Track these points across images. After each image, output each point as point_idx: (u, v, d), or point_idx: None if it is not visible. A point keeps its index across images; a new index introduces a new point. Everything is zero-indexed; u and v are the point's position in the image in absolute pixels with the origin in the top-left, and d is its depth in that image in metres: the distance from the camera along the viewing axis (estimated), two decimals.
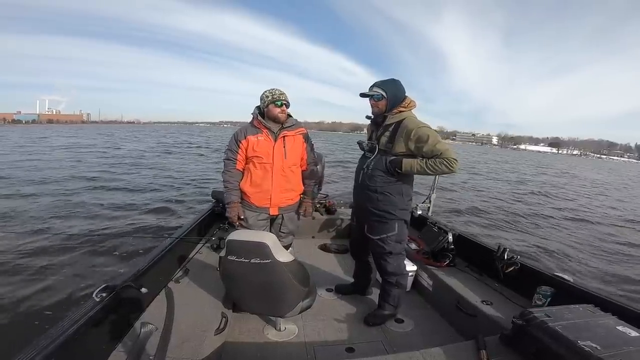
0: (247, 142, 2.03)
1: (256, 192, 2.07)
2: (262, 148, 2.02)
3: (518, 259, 2.02)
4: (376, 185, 1.85)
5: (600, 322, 1.27)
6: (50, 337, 1.15)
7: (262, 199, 2.08)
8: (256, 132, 2.04)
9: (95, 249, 4.32)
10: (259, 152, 2.02)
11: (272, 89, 2.03)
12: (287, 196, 2.13)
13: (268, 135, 2.03)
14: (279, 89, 2.03)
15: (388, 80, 1.85)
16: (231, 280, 1.65)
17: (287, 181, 2.09)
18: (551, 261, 5.28)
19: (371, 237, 1.94)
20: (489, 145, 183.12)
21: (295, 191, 2.17)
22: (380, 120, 1.87)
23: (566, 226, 7.95)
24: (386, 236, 1.89)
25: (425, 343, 1.78)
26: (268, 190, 2.06)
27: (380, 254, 1.96)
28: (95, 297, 1.39)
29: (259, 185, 2.06)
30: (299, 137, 2.14)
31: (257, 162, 2.04)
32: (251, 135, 2.03)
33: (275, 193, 2.07)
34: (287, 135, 2.07)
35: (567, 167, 39.30)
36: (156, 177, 10.81)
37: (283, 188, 2.09)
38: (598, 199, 13.50)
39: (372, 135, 1.97)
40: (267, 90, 2.04)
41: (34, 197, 7.18)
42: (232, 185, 2.09)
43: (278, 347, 1.79)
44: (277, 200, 2.09)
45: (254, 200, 2.09)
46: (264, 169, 2.04)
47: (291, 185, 2.12)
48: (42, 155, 16.01)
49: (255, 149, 2.02)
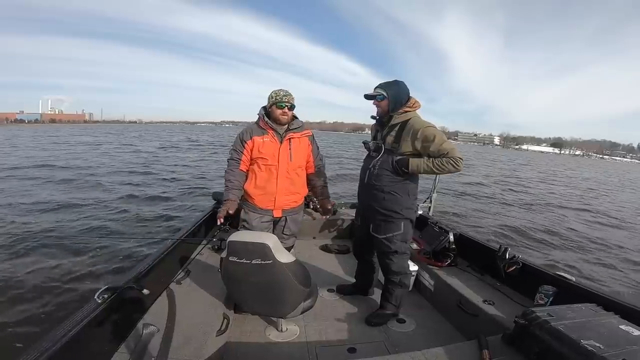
0: (252, 142, 2.00)
1: (260, 194, 2.04)
2: (267, 149, 1.99)
3: (520, 259, 2.01)
4: (382, 185, 1.86)
5: (602, 321, 1.26)
6: (52, 339, 1.15)
7: (266, 201, 2.05)
8: (262, 133, 2.01)
9: (97, 250, 4.33)
10: (264, 153, 1.98)
11: (279, 90, 1.99)
12: (291, 199, 2.10)
13: (274, 136, 2.00)
14: (286, 90, 1.99)
15: (391, 81, 1.88)
16: (233, 281, 1.65)
17: (291, 184, 2.06)
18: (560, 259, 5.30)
19: (377, 236, 1.94)
20: (491, 145, 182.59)
21: (299, 194, 2.15)
22: (386, 120, 1.88)
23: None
24: (392, 235, 1.90)
25: (427, 343, 1.78)
26: (273, 192, 2.03)
27: (385, 253, 1.96)
28: (97, 298, 1.39)
29: (263, 187, 2.03)
30: (305, 140, 2.11)
31: (262, 164, 2.01)
32: (257, 136, 2.00)
33: (280, 195, 2.04)
34: (293, 137, 2.04)
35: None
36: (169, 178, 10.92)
37: (288, 191, 2.06)
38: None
39: (376, 135, 1.98)
40: (274, 90, 2.00)
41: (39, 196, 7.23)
42: (231, 184, 2.06)
43: (280, 348, 1.79)
44: (281, 203, 2.06)
45: (258, 202, 2.06)
46: (269, 170, 2.01)
47: (296, 188, 2.10)
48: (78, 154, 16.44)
49: (261, 150, 1.99)
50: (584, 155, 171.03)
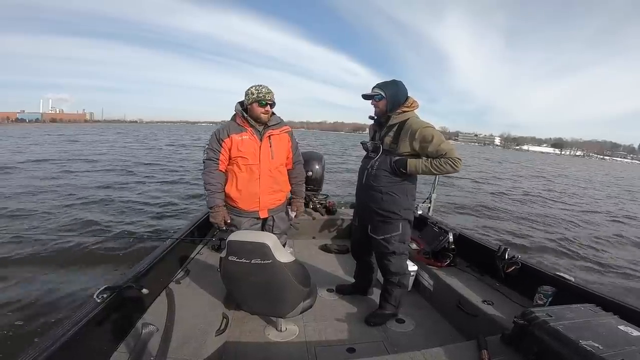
0: (230, 141, 1.90)
1: (243, 196, 1.97)
2: (247, 148, 1.91)
3: (519, 259, 2.01)
4: (381, 186, 1.85)
5: (602, 321, 1.26)
6: (51, 338, 1.15)
7: (250, 203, 1.99)
8: (240, 130, 1.92)
9: (96, 250, 4.33)
10: (244, 152, 1.90)
11: (259, 86, 1.89)
12: (275, 197, 2.06)
13: (253, 134, 1.92)
14: (266, 87, 1.89)
15: (388, 81, 1.87)
16: (232, 280, 1.65)
17: (275, 182, 2.01)
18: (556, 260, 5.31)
19: (375, 237, 1.94)
20: (492, 146, 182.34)
21: (283, 191, 2.12)
22: (384, 121, 1.87)
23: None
24: (390, 236, 1.90)
25: (426, 343, 1.78)
26: (256, 193, 1.96)
27: (383, 254, 1.96)
28: (97, 298, 1.39)
29: (245, 188, 1.96)
30: (285, 136, 2.04)
31: (242, 164, 1.93)
32: (235, 134, 1.90)
33: (264, 195, 1.99)
34: (273, 134, 1.97)
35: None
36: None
37: (271, 189, 2.01)
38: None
39: (374, 135, 1.97)
40: (253, 86, 1.90)
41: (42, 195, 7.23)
42: (214, 188, 1.95)
43: (279, 348, 1.79)
44: (265, 203, 2.02)
45: (242, 205, 1.99)
46: (250, 170, 1.94)
47: (279, 186, 2.06)
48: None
49: (240, 149, 1.90)
50: (585, 155, 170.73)
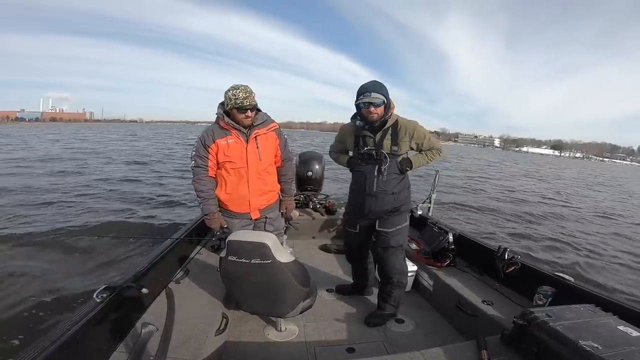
0: (216, 146, 1.85)
1: (233, 199, 1.96)
2: (233, 152, 1.86)
3: (519, 259, 2.01)
4: (392, 188, 1.89)
5: (601, 322, 1.26)
6: (51, 338, 1.15)
7: (241, 205, 1.98)
8: (225, 134, 1.86)
9: (96, 249, 4.32)
10: (231, 156, 1.86)
11: (236, 89, 1.76)
12: (266, 198, 2.04)
13: (238, 136, 1.86)
14: (244, 89, 1.77)
15: (379, 83, 1.79)
16: (232, 280, 1.65)
17: (264, 183, 1.99)
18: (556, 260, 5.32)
19: (386, 231, 1.93)
20: (492, 147, 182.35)
21: (273, 191, 2.10)
22: (379, 125, 1.84)
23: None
24: (400, 227, 1.95)
25: (425, 343, 1.78)
26: (245, 195, 1.94)
27: (389, 249, 1.95)
28: (96, 297, 1.39)
29: (235, 191, 1.94)
30: (272, 134, 1.98)
31: (230, 168, 1.89)
32: (220, 139, 1.84)
33: (254, 197, 1.97)
34: (259, 135, 1.91)
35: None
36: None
37: (261, 191, 1.99)
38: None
39: (365, 141, 1.88)
40: (230, 89, 1.78)
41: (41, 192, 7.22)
42: (206, 194, 1.92)
43: (279, 348, 1.79)
44: (256, 204, 2.00)
45: (233, 207, 1.98)
46: (238, 174, 1.90)
47: (269, 186, 2.04)
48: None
49: (227, 154, 1.85)
50: (584, 157, 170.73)
